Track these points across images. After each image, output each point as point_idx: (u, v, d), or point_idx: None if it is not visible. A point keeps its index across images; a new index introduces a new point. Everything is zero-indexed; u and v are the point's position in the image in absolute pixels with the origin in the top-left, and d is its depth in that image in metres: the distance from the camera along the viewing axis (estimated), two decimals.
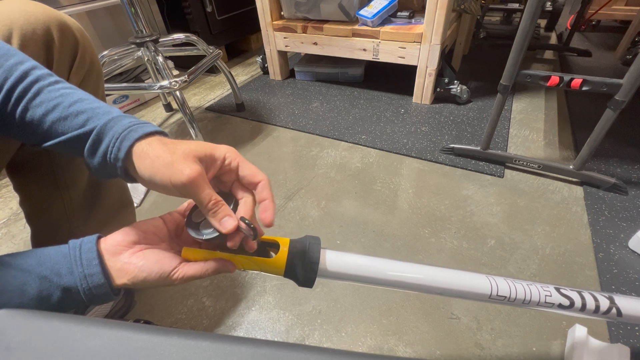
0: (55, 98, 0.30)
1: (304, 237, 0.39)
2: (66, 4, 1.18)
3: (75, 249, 0.30)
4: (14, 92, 0.30)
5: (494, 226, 0.80)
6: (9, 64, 0.30)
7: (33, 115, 0.30)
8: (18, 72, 0.30)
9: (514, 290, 0.40)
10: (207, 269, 0.33)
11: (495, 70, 1.55)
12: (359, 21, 1.31)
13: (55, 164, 0.49)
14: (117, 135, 0.30)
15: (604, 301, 0.43)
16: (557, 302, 0.41)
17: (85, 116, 0.30)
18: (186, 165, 0.28)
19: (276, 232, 0.81)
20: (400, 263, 0.40)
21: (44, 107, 0.30)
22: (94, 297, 0.30)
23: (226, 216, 0.30)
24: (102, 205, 0.58)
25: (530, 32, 0.74)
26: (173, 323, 0.64)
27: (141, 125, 0.31)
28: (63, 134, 0.30)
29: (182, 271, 0.32)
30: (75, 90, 0.32)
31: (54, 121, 0.30)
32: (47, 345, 0.20)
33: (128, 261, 0.31)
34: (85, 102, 0.31)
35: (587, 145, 0.82)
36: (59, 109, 0.30)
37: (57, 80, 0.32)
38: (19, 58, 0.31)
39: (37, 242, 0.56)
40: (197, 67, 1.06)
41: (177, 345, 0.20)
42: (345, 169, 1.01)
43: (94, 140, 0.30)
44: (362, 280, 0.39)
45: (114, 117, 0.31)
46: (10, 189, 1.00)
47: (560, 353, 0.56)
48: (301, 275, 0.37)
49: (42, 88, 0.30)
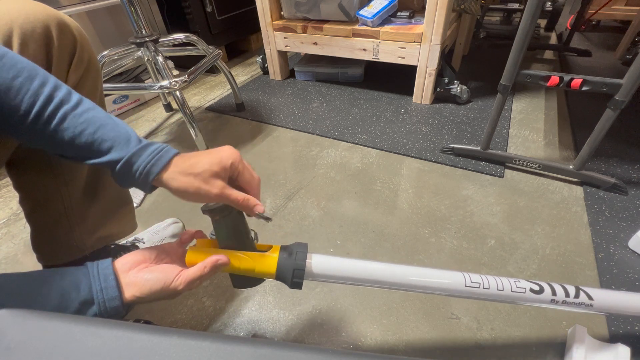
0: (81, 124, 0.34)
1: (293, 244, 0.44)
2: (66, 4, 1.18)
3: (93, 267, 0.35)
4: (42, 115, 0.33)
5: (494, 226, 0.80)
6: (34, 86, 0.33)
7: (62, 138, 0.34)
8: (44, 96, 0.33)
9: (485, 280, 0.45)
10: (205, 265, 0.38)
11: (495, 70, 1.55)
12: (359, 21, 1.31)
13: (53, 161, 0.49)
14: (141, 170, 0.36)
15: (571, 288, 0.47)
16: (528, 287, 0.46)
17: (109, 144, 0.35)
18: (210, 186, 0.36)
19: (276, 232, 0.82)
20: (380, 264, 0.45)
21: (70, 132, 0.34)
22: (106, 310, 0.34)
23: (255, 205, 0.39)
24: (101, 202, 0.58)
25: (530, 32, 0.74)
26: (173, 323, 0.64)
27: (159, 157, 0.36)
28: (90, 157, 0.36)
29: (183, 276, 0.37)
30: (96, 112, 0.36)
31: (82, 145, 0.35)
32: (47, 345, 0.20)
33: (136, 276, 0.36)
34: (108, 128, 0.36)
35: (587, 145, 0.82)
36: (85, 135, 0.35)
37: (78, 102, 0.35)
38: (42, 79, 0.34)
39: (37, 240, 0.56)
40: (197, 67, 1.06)
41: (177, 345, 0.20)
42: (345, 169, 1.01)
43: (122, 172, 0.36)
44: (346, 280, 0.44)
45: (135, 152, 0.36)
46: (10, 189, 1.00)
47: (560, 353, 0.56)
48: (290, 278, 0.41)
49: (68, 113, 0.34)
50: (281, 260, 0.41)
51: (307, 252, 0.43)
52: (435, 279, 0.45)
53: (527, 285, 0.46)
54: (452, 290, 0.44)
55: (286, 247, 0.43)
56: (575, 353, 0.52)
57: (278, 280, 0.42)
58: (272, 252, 0.42)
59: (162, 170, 0.36)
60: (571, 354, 0.53)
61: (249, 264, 0.41)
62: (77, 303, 0.32)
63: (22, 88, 0.32)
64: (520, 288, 0.45)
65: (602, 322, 0.60)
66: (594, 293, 0.47)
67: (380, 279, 0.44)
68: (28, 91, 0.32)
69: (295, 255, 0.41)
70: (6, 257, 0.79)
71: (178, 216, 0.85)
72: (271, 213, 0.87)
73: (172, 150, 0.37)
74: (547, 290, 0.46)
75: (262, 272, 0.41)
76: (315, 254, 0.43)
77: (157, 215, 0.88)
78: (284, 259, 0.41)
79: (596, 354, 0.52)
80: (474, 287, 0.44)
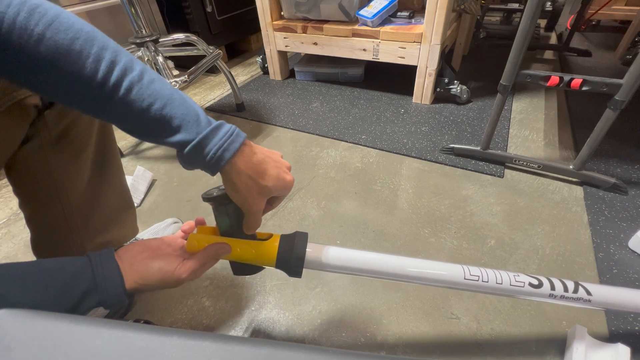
0: (148, 97, 0.31)
1: (294, 233, 0.44)
2: (66, 4, 1.18)
3: (95, 256, 0.35)
4: (107, 84, 0.30)
5: (494, 226, 0.80)
6: (95, 50, 0.29)
7: (130, 111, 0.31)
8: (106, 62, 0.30)
9: (484, 273, 0.45)
10: (208, 252, 0.39)
11: (495, 70, 1.55)
12: (359, 21, 1.31)
13: (53, 167, 0.49)
14: (212, 154, 0.34)
15: (569, 283, 0.47)
16: (527, 281, 0.46)
17: (178, 122, 0.33)
18: (258, 202, 0.38)
19: (276, 232, 0.81)
20: (380, 255, 0.45)
21: (138, 105, 0.31)
22: (108, 297, 0.33)
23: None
24: (102, 208, 0.58)
25: (530, 32, 0.73)
26: (173, 323, 0.64)
27: (232, 141, 0.35)
28: (160, 136, 0.34)
29: (185, 264, 0.37)
30: (162, 84, 0.33)
31: (151, 121, 0.32)
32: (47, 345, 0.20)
33: (138, 263, 0.36)
34: (176, 104, 0.33)
35: (587, 145, 0.82)
36: (153, 110, 0.32)
37: (142, 71, 0.32)
38: (102, 42, 0.30)
39: (37, 244, 0.56)
40: (197, 67, 1.06)
41: (177, 345, 0.20)
42: (345, 169, 1.01)
43: (191, 155, 0.34)
44: (346, 270, 0.44)
45: (207, 134, 0.34)
46: (10, 189, 0.99)
47: (560, 353, 0.56)
48: (290, 265, 0.42)
49: (134, 84, 0.31)
50: (281, 249, 0.42)
51: (307, 241, 0.43)
52: (434, 270, 0.45)
53: (526, 280, 0.46)
54: (450, 282, 0.45)
55: (287, 235, 0.44)
56: (575, 353, 0.52)
57: (278, 268, 0.42)
58: (273, 241, 0.43)
59: (234, 156, 0.35)
60: (571, 354, 0.53)
61: (249, 252, 0.41)
62: (80, 291, 0.32)
63: (82, 52, 0.29)
64: (519, 282, 0.45)
65: (602, 321, 0.60)
66: (592, 288, 0.48)
67: (380, 269, 0.44)
68: (89, 55, 0.29)
69: (295, 244, 0.42)
70: (6, 257, 0.79)
71: (178, 216, 0.85)
72: (271, 213, 0.87)
73: (241, 135, 0.36)
74: (546, 284, 0.46)
75: (263, 260, 0.42)
76: (315, 244, 0.44)
77: (157, 215, 0.88)
78: (284, 247, 0.42)
79: (596, 354, 0.52)
80: (472, 280, 0.44)
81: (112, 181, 0.60)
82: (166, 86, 0.33)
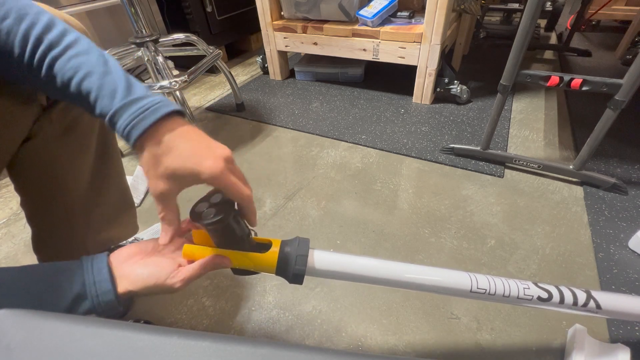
0: (68, 70, 0.32)
1: (294, 239, 0.42)
2: (66, 4, 1.18)
3: (87, 261, 0.34)
4: (33, 60, 0.31)
5: (494, 226, 0.80)
6: (23, 28, 0.31)
7: (55, 85, 0.32)
8: (32, 39, 0.31)
9: (492, 284, 0.43)
10: (206, 264, 0.36)
11: (495, 70, 1.55)
12: (359, 21, 1.31)
13: (57, 163, 0.49)
14: (121, 131, 0.32)
15: (581, 294, 0.45)
16: (536, 294, 0.44)
17: (94, 95, 0.32)
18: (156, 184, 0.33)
19: (276, 232, 0.82)
20: (383, 262, 0.43)
21: (59, 79, 0.32)
22: (100, 304, 0.32)
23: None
24: (104, 206, 0.58)
25: (530, 32, 0.73)
26: (173, 323, 0.64)
27: (142, 118, 0.32)
28: (85, 109, 0.33)
29: (180, 274, 0.35)
30: (88, 56, 0.33)
31: (73, 94, 0.32)
32: (47, 345, 0.20)
33: (130, 269, 0.35)
34: (94, 77, 0.32)
35: (587, 145, 0.82)
36: (73, 83, 0.32)
37: (69, 44, 0.32)
38: (32, 19, 0.31)
39: (38, 242, 0.56)
40: (197, 67, 1.06)
41: (177, 345, 0.20)
42: (345, 169, 1.01)
43: (111, 130, 0.33)
44: (348, 278, 0.42)
45: (118, 109, 0.32)
46: (10, 189, 1.00)
47: (560, 353, 0.56)
48: (291, 273, 0.40)
49: (56, 58, 0.31)
50: (281, 258, 0.40)
51: (308, 248, 0.41)
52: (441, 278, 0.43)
53: (535, 293, 0.44)
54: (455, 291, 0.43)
55: (287, 242, 0.41)
56: (575, 353, 0.52)
57: (278, 275, 0.41)
58: (273, 248, 0.40)
59: (144, 133, 0.31)
60: (571, 354, 0.53)
61: (248, 263, 0.40)
62: (70, 297, 0.31)
63: (11, 31, 0.30)
64: (527, 295, 0.43)
65: (602, 322, 0.60)
66: (602, 299, 0.45)
67: (383, 276, 0.42)
68: (17, 34, 0.30)
69: (296, 253, 0.40)
70: (6, 257, 0.79)
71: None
72: (271, 213, 0.87)
73: (160, 110, 0.32)
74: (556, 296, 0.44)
75: (263, 268, 0.40)
76: (317, 250, 0.42)
77: (157, 215, 0.87)
78: (284, 256, 0.40)
79: (596, 355, 0.52)
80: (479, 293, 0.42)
81: (113, 178, 0.60)
82: (92, 58, 0.32)
